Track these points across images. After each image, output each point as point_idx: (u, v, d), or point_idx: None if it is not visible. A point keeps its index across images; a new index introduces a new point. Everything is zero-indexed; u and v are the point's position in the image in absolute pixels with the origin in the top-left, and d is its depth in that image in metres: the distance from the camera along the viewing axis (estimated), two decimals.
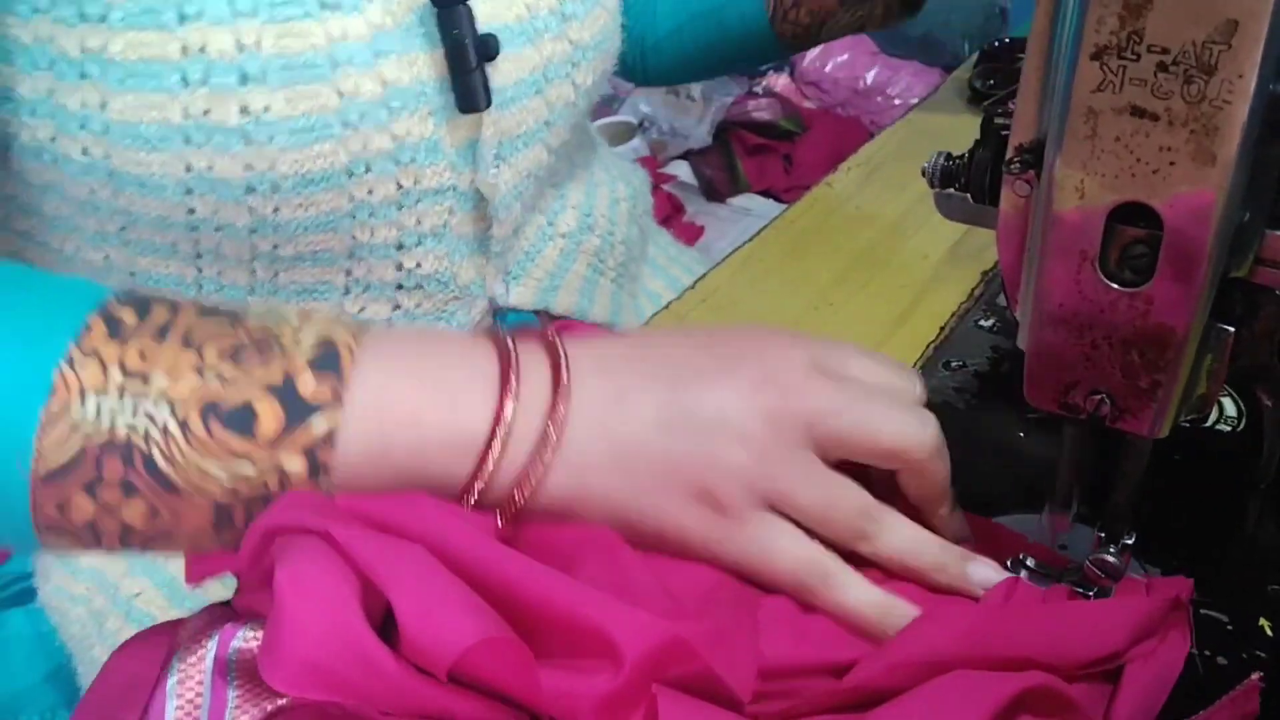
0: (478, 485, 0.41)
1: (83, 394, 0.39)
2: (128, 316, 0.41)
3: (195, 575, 0.42)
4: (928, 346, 0.66)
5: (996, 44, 1.02)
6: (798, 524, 0.42)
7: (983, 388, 0.62)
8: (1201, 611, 0.45)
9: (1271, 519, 0.47)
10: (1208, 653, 0.44)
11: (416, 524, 0.40)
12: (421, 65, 0.58)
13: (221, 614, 0.43)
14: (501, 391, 0.41)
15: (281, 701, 0.38)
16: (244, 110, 0.53)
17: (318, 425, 0.40)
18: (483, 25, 0.58)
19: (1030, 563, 0.45)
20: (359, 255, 0.62)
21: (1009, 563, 0.45)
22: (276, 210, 0.57)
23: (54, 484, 0.39)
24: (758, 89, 2.43)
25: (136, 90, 0.52)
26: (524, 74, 0.62)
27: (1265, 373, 0.41)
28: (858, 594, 0.42)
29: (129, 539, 0.41)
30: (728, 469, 0.41)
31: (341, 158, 0.56)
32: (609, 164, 0.83)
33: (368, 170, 0.57)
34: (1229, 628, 0.45)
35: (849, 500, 0.43)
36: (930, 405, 0.60)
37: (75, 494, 0.39)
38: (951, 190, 0.41)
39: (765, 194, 2.22)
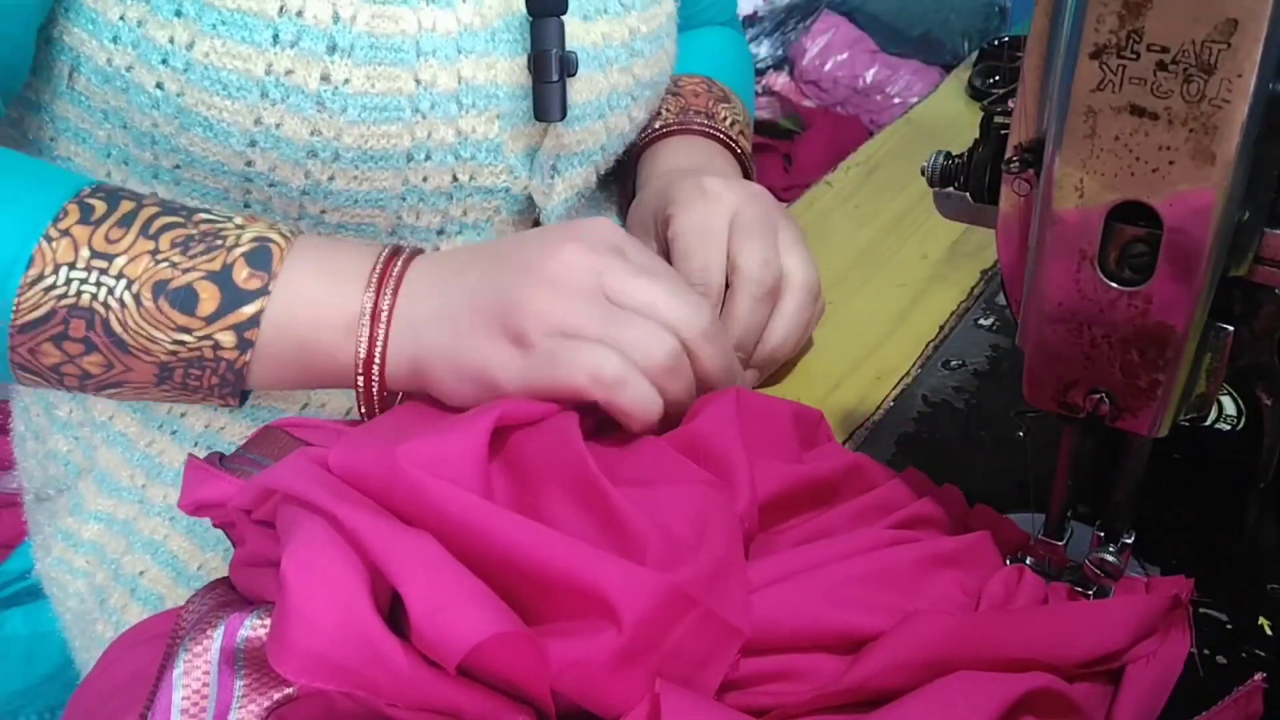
0: (359, 353, 0.50)
1: (56, 266, 0.48)
2: (99, 205, 0.49)
3: (190, 500, 0.45)
4: (927, 345, 0.66)
5: (996, 43, 1.02)
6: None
7: (982, 387, 0.62)
8: (1201, 611, 0.45)
9: (1271, 518, 0.47)
10: (1207, 652, 0.44)
11: (411, 491, 0.40)
12: (499, 69, 0.60)
13: (223, 592, 0.44)
14: (379, 283, 0.50)
15: (289, 690, 0.38)
16: (325, 78, 0.55)
17: (247, 308, 0.49)
18: (566, 43, 0.60)
19: (1030, 561, 0.45)
20: (400, 234, 0.63)
21: (1008, 560, 0.45)
22: (332, 178, 0.58)
23: (28, 334, 0.48)
24: (757, 88, 2.43)
25: (227, 37, 0.54)
26: (591, 96, 0.65)
27: (1265, 371, 0.41)
28: (643, 391, 0.47)
29: (86, 382, 0.50)
30: (532, 310, 0.47)
31: (405, 141, 0.58)
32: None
33: (428, 158, 0.59)
34: (1229, 627, 0.45)
35: (642, 327, 0.48)
36: (930, 405, 0.60)
37: (44, 343, 0.49)
38: (951, 189, 0.41)
39: None
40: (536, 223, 0.68)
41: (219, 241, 0.49)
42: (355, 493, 0.41)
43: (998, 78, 0.95)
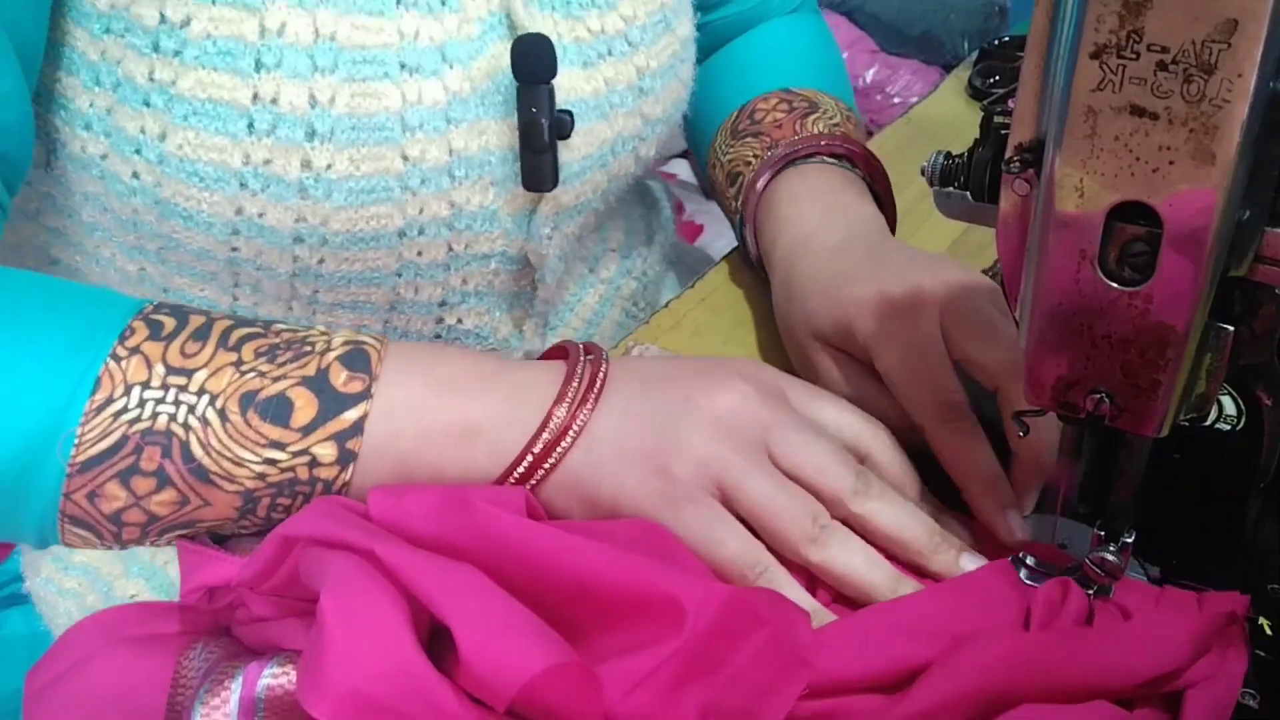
0: (516, 471, 0.45)
1: (127, 386, 0.42)
2: (168, 321, 0.44)
3: (191, 586, 0.42)
4: None
5: (996, 42, 1.02)
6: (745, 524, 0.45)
7: (982, 387, 0.62)
8: None
9: (1271, 518, 0.47)
10: None
11: (457, 518, 0.39)
12: (490, 135, 0.57)
13: (228, 643, 0.42)
14: (558, 400, 0.45)
15: None
16: (306, 165, 0.53)
17: (349, 414, 0.43)
18: (560, 99, 0.57)
19: (1030, 561, 0.45)
20: (400, 309, 0.61)
21: (1010, 560, 0.45)
22: (322, 261, 0.56)
23: (89, 472, 0.41)
24: None
25: (199, 129, 0.52)
26: (592, 149, 0.61)
27: (1265, 371, 0.41)
28: (789, 594, 0.43)
29: (149, 529, 0.43)
30: (684, 449, 0.44)
31: (397, 220, 0.56)
32: (643, 193, 0.83)
33: (420, 233, 0.57)
34: None
35: (798, 502, 0.44)
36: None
37: (108, 482, 0.41)
38: (951, 189, 0.41)
39: None
40: (533, 285, 0.65)
41: (308, 348, 0.44)
42: (385, 531, 0.40)
43: (998, 78, 0.95)
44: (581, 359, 0.47)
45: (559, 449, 0.45)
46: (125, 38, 0.52)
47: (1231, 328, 0.38)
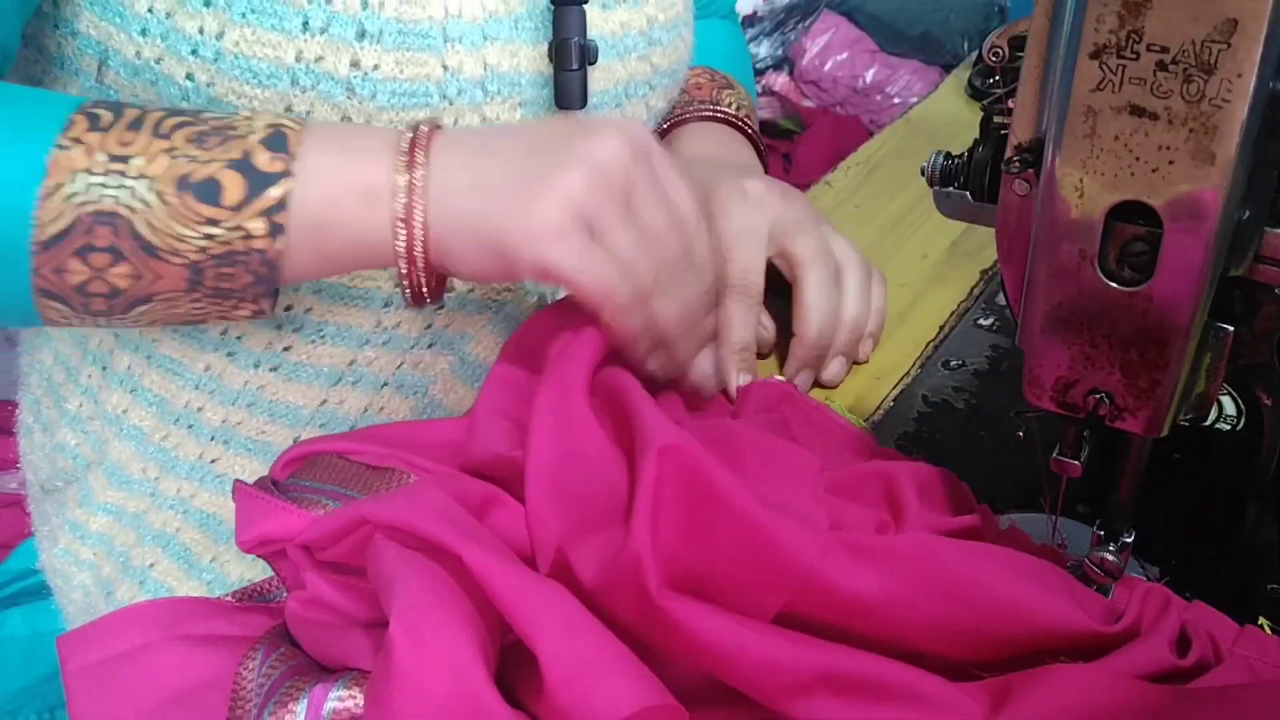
0: (398, 229, 0.48)
1: (73, 173, 0.46)
2: (104, 114, 0.48)
3: (251, 536, 0.42)
4: (927, 345, 0.66)
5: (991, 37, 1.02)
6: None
7: (982, 387, 0.62)
8: None
9: (1271, 519, 0.47)
10: None
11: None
12: (522, 57, 0.60)
13: (288, 652, 0.41)
14: (410, 155, 0.49)
15: None
16: (355, 64, 0.55)
17: (273, 190, 0.47)
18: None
19: None
20: None
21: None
22: None
23: (51, 250, 0.46)
24: (757, 88, 2.43)
25: (257, 26, 0.54)
26: (608, 85, 0.65)
27: (1265, 371, 0.41)
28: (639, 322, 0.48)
29: (114, 301, 0.48)
30: (566, 194, 0.47)
31: None
32: None
33: None
34: None
35: (652, 256, 0.49)
36: (930, 405, 0.60)
37: (69, 259, 0.46)
38: (951, 189, 0.41)
39: None
40: None
41: (233, 132, 0.48)
42: (484, 529, 0.39)
43: (997, 78, 0.95)
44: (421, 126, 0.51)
45: (417, 194, 0.48)
46: None
47: (1231, 328, 0.38)
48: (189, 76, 0.55)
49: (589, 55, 0.60)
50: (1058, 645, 0.39)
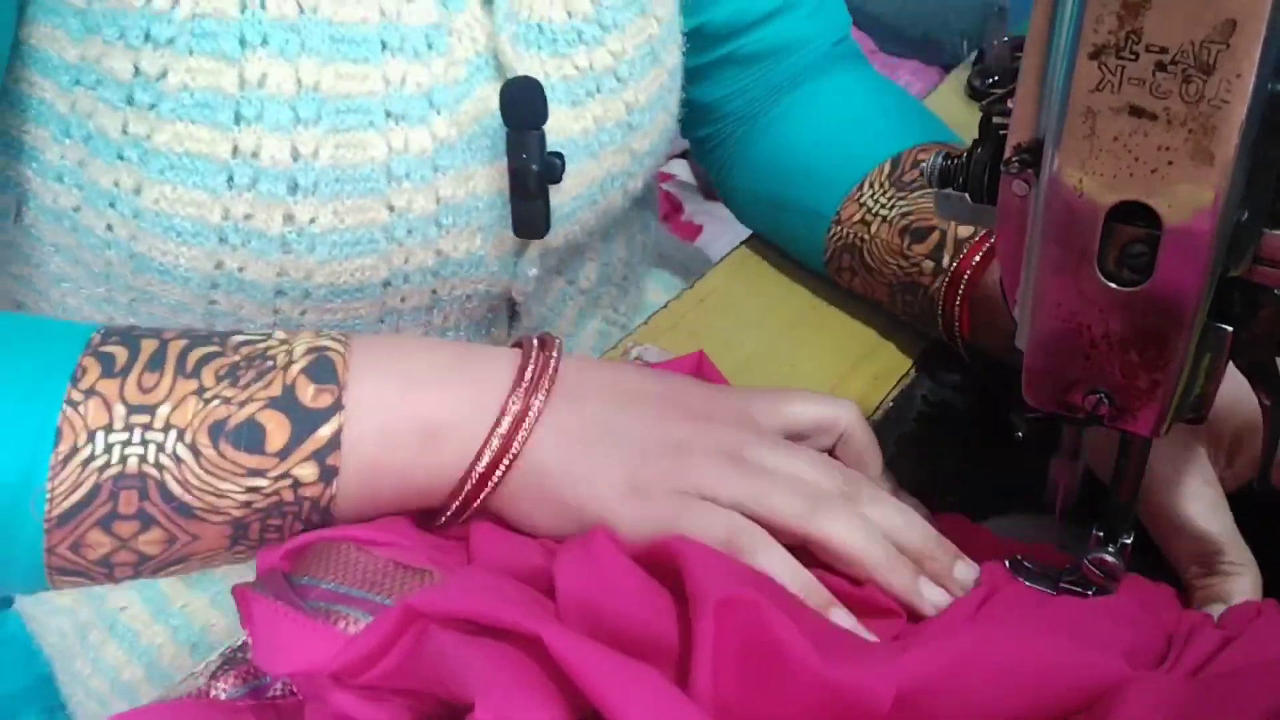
0: (477, 468, 0.43)
1: (90, 433, 0.39)
2: (119, 352, 0.41)
3: (290, 668, 0.37)
4: (928, 345, 0.66)
5: (995, 43, 1.02)
6: None
7: (981, 387, 0.62)
8: None
9: (1271, 518, 0.47)
10: None
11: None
12: (478, 180, 0.55)
13: None
14: (513, 389, 0.44)
15: None
16: (288, 219, 0.51)
17: (323, 431, 0.41)
18: (549, 140, 0.54)
19: (1029, 563, 0.45)
20: None
21: (1008, 563, 0.45)
22: (304, 313, 0.55)
23: (68, 525, 0.39)
24: None
25: (176, 183, 0.50)
26: (581, 189, 0.60)
27: (1264, 372, 0.41)
28: (780, 564, 0.42)
29: (143, 567, 0.42)
30: (656, 465, 0.43)
31: (382, 271, 0.54)
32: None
33: (405, 281, 0.56)
34: None
35: (785, 487, 0.43)
36: (930, 404, 0.60)
37: (90, 531, 0.40)
38: (950, 189, 0.41)
39: None
40: (514, 314, 0.65)
41: (269, 363, 0.42)
42: (550, 607, 0.37)
43: (996, 78, 0.95)
44: (535, 348, 0.45)
45: (518, 439, 0.43)
46: (96, 90, 0.50)
47: (1231, 328, 0.38)
48: (109, 228, 0.52)
49: (552, 175, 0.54)
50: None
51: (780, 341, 0.67)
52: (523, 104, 0.53)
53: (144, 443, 0.40)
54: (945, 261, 0.59)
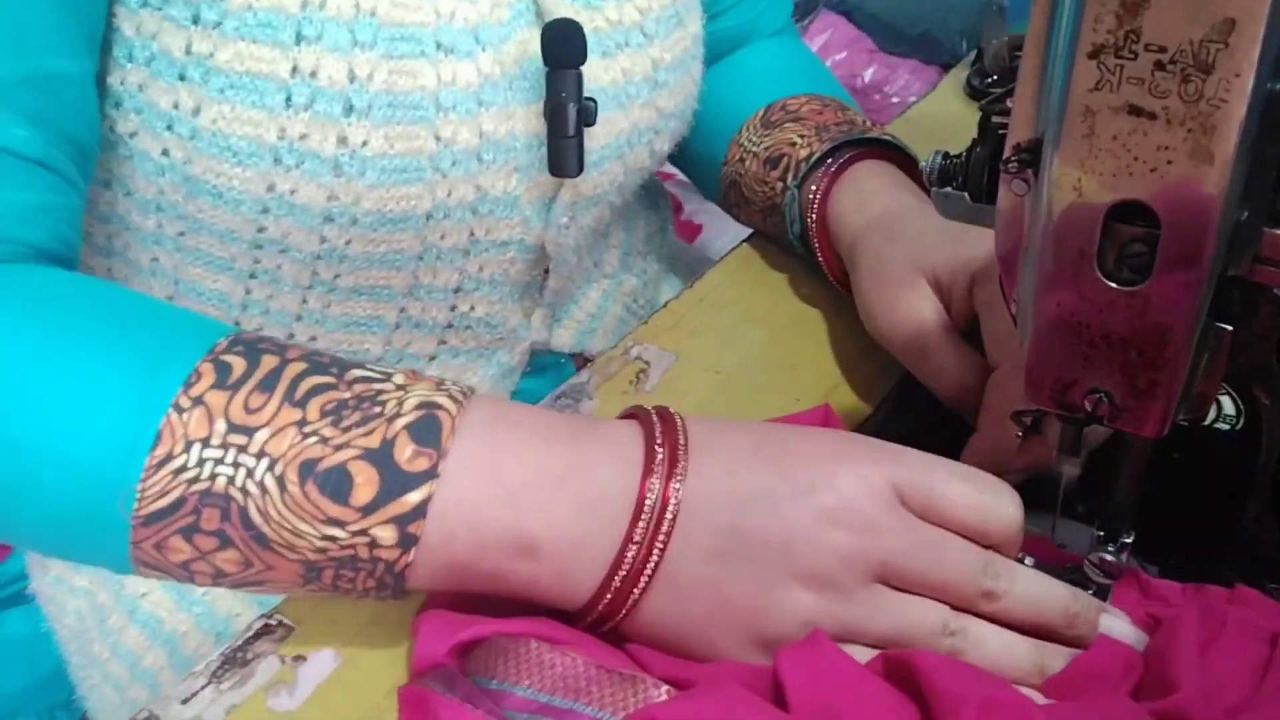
0: (617, 576, 0.40)
1: (188, 443, 0.40)
2: (237, 364, 0.41)
3: None
4: None
5: (994, 42, 1.02)
6: None
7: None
8: None
9: (1271, 518, 0.47)
10: None
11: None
12: (517, 120, 0.57)
13: None
14: (646, 472, 0.40)
15: None
16: (341, 141, 0.52)
17: (411, 496, 0.40)
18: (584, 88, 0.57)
19: (1030, 561, 0.45)
20: (416, 295, 0.61)
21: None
22: (349, 242, 0.56)
23: (153, 526, 0.40)
24: None
25: (235, 102, 0.51)
26: (610, 139, 0.62)
27: (1264, 371, 0.41)
28: (997, 643, 0.41)
29: (220, 580, 0.42)
30: (785, 610, 0.40)
31: (425, 202, 0.56)
32: (645, 193, 0.83)
33: (445, 217, 0.57)
34: None
35: (923, 619, 0.41)
36: (930, 403, 0.60)
37: (172, 537, 0.40)
38: (949, 189, 0.41)
39: None
40: (546, 271, 0.66)
41: (378, 410, 0.41)
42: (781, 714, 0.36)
43: (995, 77, 0.95)
44: (657, 473, 0.41)
45: (636, 590, 0.40)
46: (164, 10, 0.52)
47: (1230, 328, 0.38)
48: (165, 152, 0.53)
49: (587, 117, 0.57)
50: None
51: (780, 341, 0.67)
52: (562, 44, 0.55)
53: (235, 464, 0.39)
54: (789, 180, 0.68)
